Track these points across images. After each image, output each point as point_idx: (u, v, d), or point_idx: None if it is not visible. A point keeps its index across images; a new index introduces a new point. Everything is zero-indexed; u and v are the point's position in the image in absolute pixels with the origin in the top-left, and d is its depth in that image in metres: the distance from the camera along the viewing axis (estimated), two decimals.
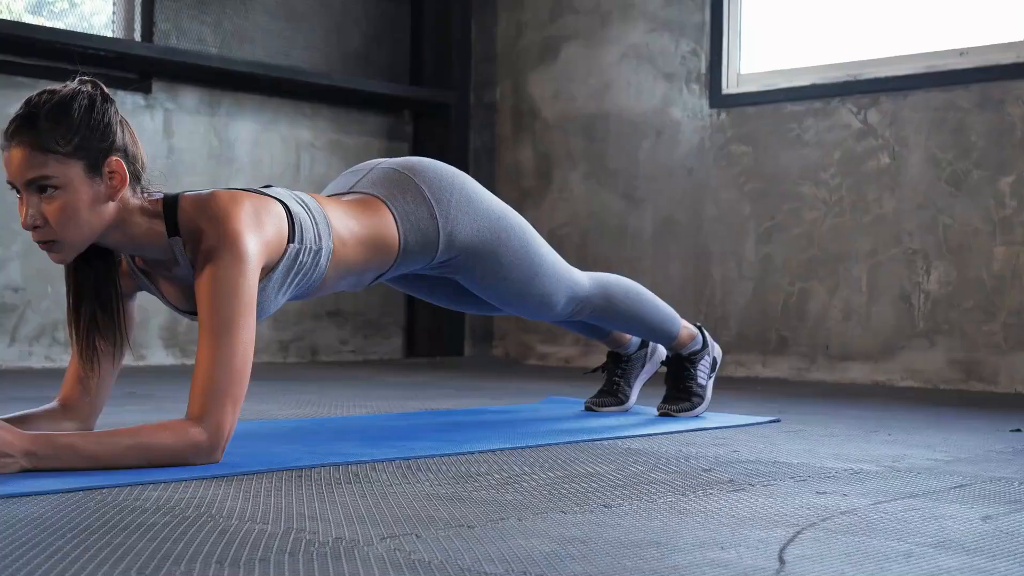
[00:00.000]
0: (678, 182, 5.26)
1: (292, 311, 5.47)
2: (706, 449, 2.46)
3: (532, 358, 5.76)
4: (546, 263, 2.72)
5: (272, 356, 5.44)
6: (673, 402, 3.11)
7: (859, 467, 2.21)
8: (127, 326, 2.24)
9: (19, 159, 1.98)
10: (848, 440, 2.66)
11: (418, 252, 2.47)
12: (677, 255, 5.25)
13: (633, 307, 2.96)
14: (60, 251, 2.05)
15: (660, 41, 5.35)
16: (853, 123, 4.74)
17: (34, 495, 1.70)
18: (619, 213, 5.46)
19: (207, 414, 1.99)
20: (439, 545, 1.43)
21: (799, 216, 4.88)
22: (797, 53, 5.03)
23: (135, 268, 2.24)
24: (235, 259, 2.05)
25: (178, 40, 5.10)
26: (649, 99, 5.38)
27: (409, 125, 5.99)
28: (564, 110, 5.69)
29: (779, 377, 4.87)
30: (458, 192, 2.53)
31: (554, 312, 2.83)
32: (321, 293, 2.40)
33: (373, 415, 3.03)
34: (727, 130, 5.11)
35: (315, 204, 2.30)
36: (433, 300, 2.89)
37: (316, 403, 3.38)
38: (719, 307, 5.10)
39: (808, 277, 4.84)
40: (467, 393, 3.87)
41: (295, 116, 5.53)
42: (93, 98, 2.04)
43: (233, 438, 2.35)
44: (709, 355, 3.18)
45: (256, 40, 5.40)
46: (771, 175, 4.96)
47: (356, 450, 2.27)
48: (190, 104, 5.18)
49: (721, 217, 5.11)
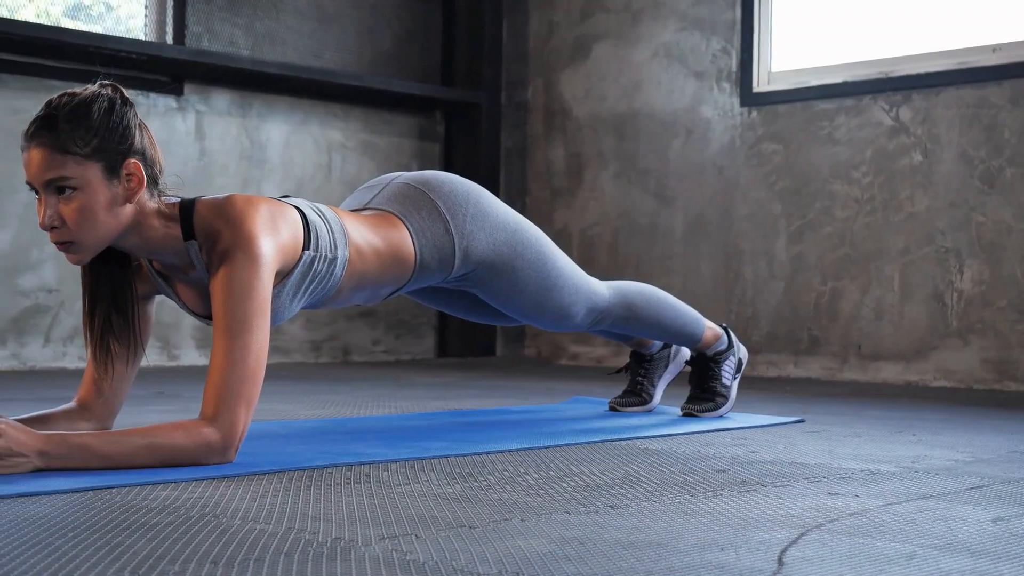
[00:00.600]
0: (709, 181, 5.24)
1: (324, 311, 5.49)
2: (724, 449, 2.44)
3: (564, 358, 5.75)
4: (564, 275, 2.70)
5: (304, 356, 5.46)
6: (697, 402, 3.09)
7: (877, 468, 2.19)
8: (143, 329, 2.26)
9: (38, 160, 2.00)
10: (871, 441, 2.63)
11: (434, 267, 2.47)
12: (708, 254, 5.23)
13: (655, 314, 2.94)
14: (77, 252, 2.06)
15: (691, 39, 5.33)
16: (885, 121, 4.70)
17: (44, 494, 1.71)
18: (650, 212, 5.45)
19: (220, 414, 2.00)
20: (437, 546, 1.42)
21: (830, 215, 4.84)
22: (828, 50, 4.99)
23: (153, 271, 2.25)
24: (250, 260, 2.05)
25: (210, 42, 5.13)
26: (680, 98, 5.36)
27: (441, 126, 5.99)
28: (595, 109, 5.68)
29: (810, 377, 4.84)
30: (473, 207, 2.52)
31: (573, 323, 2.81)
32: (336, 304, 2.40)
33: (395, 415, 3.04)
34: (758, 128, 5.07)
35: (332, 214, 2.30)
36: (451, 311, 2.88)
37: (342, 403, 3.39)
38: (750, 306, 5.07)
39: (840, 276, 4.80)
40: (495, 393, 3.87)
41: (326, 117, 5.56)
42: (113, 101, 2.05)
43: (250, 438, 2.37)
44: (734, 356, 3.15)
45: (287, 42, 5.42)
46: (802, 173, 4.93)
47: (370, 450, 2.27)
48: (222, 106, 5.21)
49: (752, 216, 5.08)
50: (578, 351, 5.69)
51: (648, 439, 2.61)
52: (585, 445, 2.47)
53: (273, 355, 5.33)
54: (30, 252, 4.64)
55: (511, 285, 2.61)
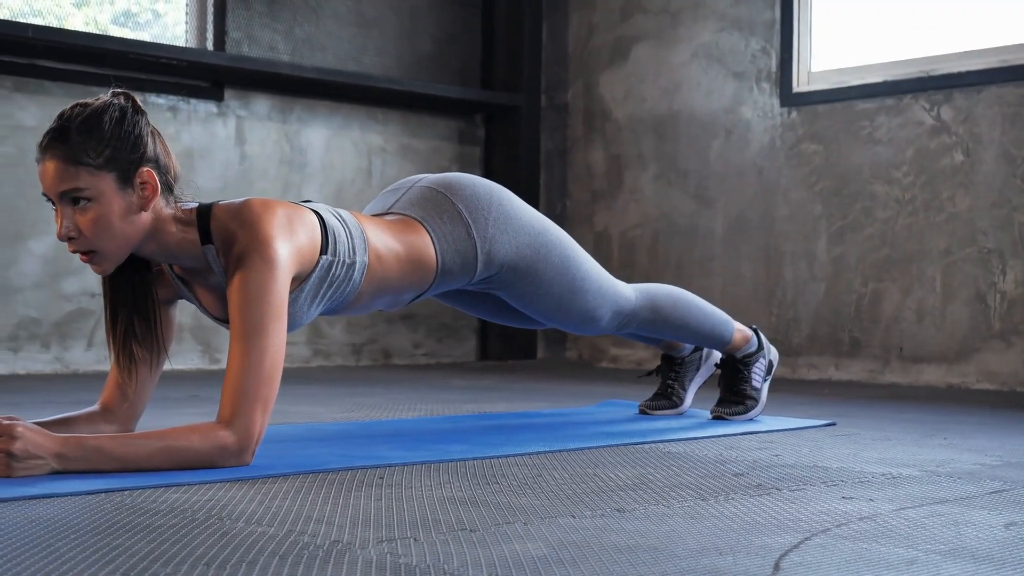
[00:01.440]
0: (749, 182, 5.20)
1: (365, 315, 5.51)
2: (747, 453, 2.42)
3: (604, 361, 5.74)
4: (589, 278, 2.69)
5: (345, 359, 5.49)
6: (726, 405, 3.07)
7: (899, 472, 2.16)
8: (165, 333, 2.27)
9: (52, 172, 2.02)
10: (900, 444, 2.60)
11: (457, 271, 2.46)
12: (748, 255, 5.19)
13: (682, 317, 2.92)
14: (100, 263, 2.08)
15: (730, 40, 5.29)
16: (926, 120, 4.64)
17: (57, 496, 1.73)
18: (689, 214, 5.42)
19: (236, 417, 2.01)
20: (433, 549, 1.42)
21: (871, 215, 4.79)
22: (868, 49, 4.94)
23: (174, 276, 2.26)
24: (266, 264, 2.06)
25: (250, 48, 5.17)
26: (719, 98, 5.33)
27: (481, 129, 6.00)
28: (635, 111, 5.66)
29: (852, 380, 4.79)
30: (496, 209, 2.52)
31: (599, 326, 2.80)
32: (356, 310, 2.39)
33: (422, 418, 3.04)
34: (798, 129, 5.03)
35: (353, 220, 2.30)
36: (478, 314, 2.88)
37: (374, 406, 3.40)
38: (791, 308, 5.03)
39: (881, 277, 4.75)
40: (529, 396, 3.87)
41: (366, 121, 5.58)
42: (124, 110, 2.06)
43: (272, 441, 2.38)
44: (764, 358, 3.13)
45: (327, 47, 5.45)
46: (843, 174, 4.88)
47: (389, 453, 2.27)
48: (262, 111, 5.25)
49: (792, 217, 5.04)
50: (618, 354, 5.67)
51: (672, 442, 2.59)
52: (607, 448, 2.46)
53: (314, 358, 5.36)
54: (73, 257, 4.70)
55: (535, 288, 2.60)
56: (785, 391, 4.15)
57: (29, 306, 4.60)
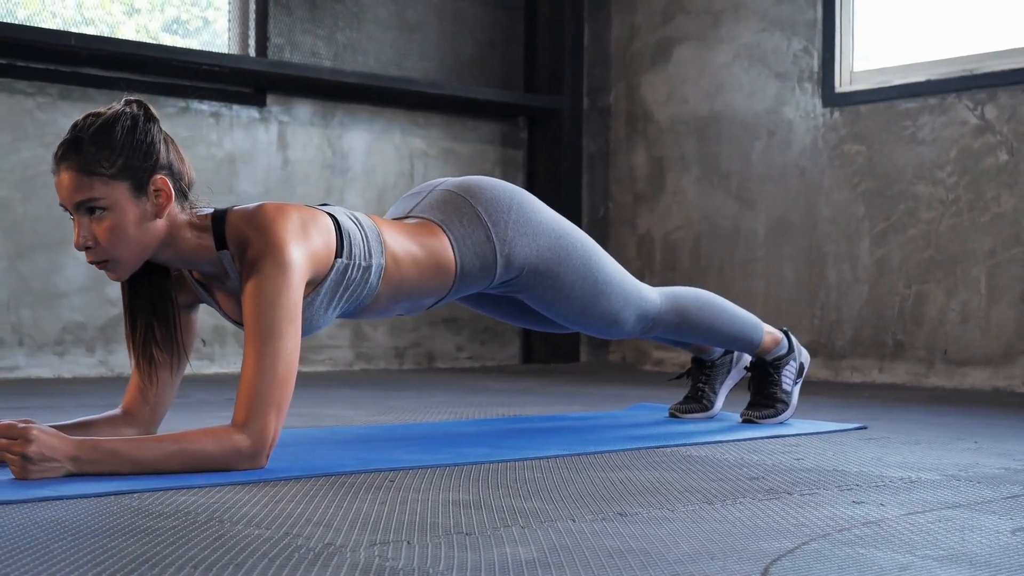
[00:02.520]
0: (791, 183, 5.16)
1: (408, 318, 5.53)
2: (769, 457, 2.40)
3: (648, 364, 5.71)
4: (612, 281, 2.67)
5: (388, 363, 5.51)
6: (756, 408, 3.04)
7: (919, 476, 2.13)
8: (185, 338, 2.29)
9: (67, 183, 2.04)
10: (928, 448, 2.57)
11: (476, 275, 2.46)
12: (790, 257, 5.15)
13: (709, 321, 2.90)
14: (115, 270, 2.11)
15: (772, 40, 5.25)
16: (970, 119, 4.58)
17: (65, 499, 1.75)
18: (732, 215, 5.38)
19: (250, 421, 2.02)
20: (423, 552, 1.43)
21: (915, 216, 4.73)
22: (911, 48, 4.88)
23: (193, 281, 2.28)
24: (279, 268, 2.08)
25: (291, 54, 5.21)
26: (761, 99, 5.29)
27: (524, 132, 6.00)
28: (677, 112, 5.64)
29: (895, 383, 4.73)
30: (516, 212, 2.51)
31: (624, 330, 2.78)
32: (375, 313, 2.40)
33: (449, 421, 3.05)
34: (840, 129, 4.98)
35: (369, 223, 2.31)
36: (502, 318, 2.88)
37: (406, 409, 3.41)
38: (833, 310, 4.98)
39: (925, 279, 4.69)
40: (565, 399, 3.86)
41: (408, 125, 5.60)
42: (136, 118, 2.08)
43: (292, 443, 2.40)
44: (795, 360, 3.10)
45: (369, 51, 5.48)
46: (885, 174, 4.82)
47: (406, 456, 2.28)
48: (304, 116, 5.29)
49: (835, 218, 4.99)
50: (662, 356, 5.65)
51: (695, 446, 2.57)
52: (628, 452, 2.45)
53: (356, 361, 5.39)
54: None
55: (556, 291, 2.60)
56: (825, 394, 4.11)
57: (74, 310, 4.66)
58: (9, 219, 4.51)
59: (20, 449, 1.88)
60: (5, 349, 4.51)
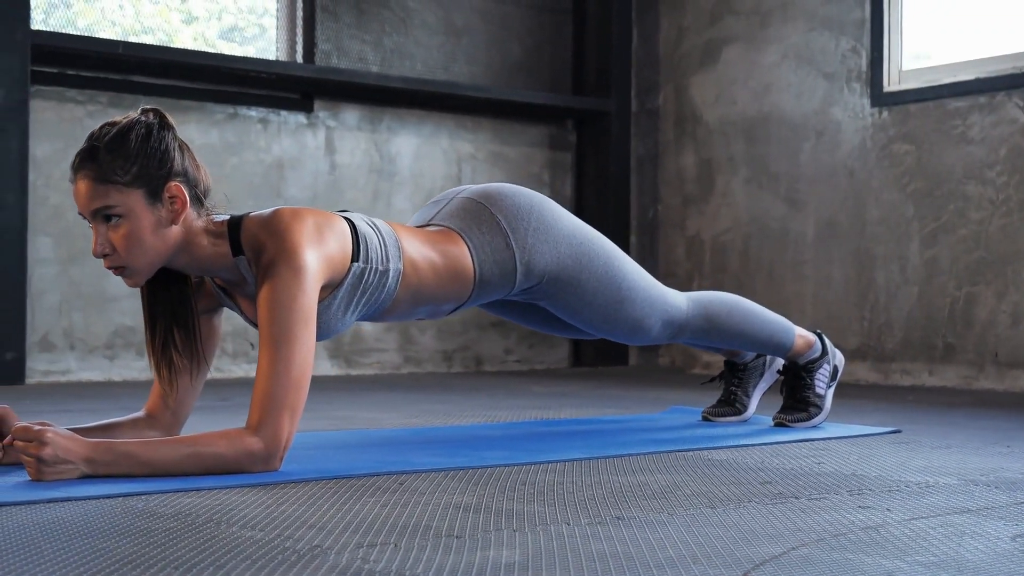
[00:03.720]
0: (839, 184, 5.10)
1: (456, 321, 5.55)
2: (791, 461, 2.37)
3: (697, 367, 5.68)
4: (635, 287, 2.66)
5: (436, 366, 5.53)
6: (789, 412, 3.01)
7: (936, 480, 2.10)
8: (206, 343, 2.32)
9: (84, 191, 2.08)
10: (957, 452, 2.53)
11: (496, 282, 2.46)
12: (839, 259, 5.09)
13: (738, 325, 2.88)
14: (131, 276, 2.14)
15: (820, 40, 5.20)
16: (1020, 118, 4.50)
17: (75, 500, 1.78)
18: (780, 217, 5.33)
19: (264, 424, 2.04)
20: (407, 555, 1.43)
21: (965, 217, 4.65)
22: (960, 46, 4.80)
23: (215, 286, 2.31)
24: (293, 272, 2.09)
25: (339, 60, 5.25)
26: (809, 100, 5.24)
27: (572, 134, 6.00)
28: (725, 114, 5.60)
29: (945, 386, 4.65)
30: (536, 220, 2.51)
31: (650, 336, 2.77)
32: (396, 317, 2.41)
33: (479, 424, 3.05)
34: (889, 129, 4.92)
35: (387, 228, 2.32)
36: (525, 324, 2.88)
37: (437, 412, 3.42)
38: (883, 312, 4.91)
39: (975, 280, 4.61)
40: (604, 402, 3.85)
41: (456, 129, 5.62)
42: (150, 127, 2.11)
43: (311, 446, 2.42)
44: (829, 363, 3.06)
45: (416, 56, 5.51)
46: (935, 174, 4.75)
47: (422, 459, 2.29)
48: (351, 121, 5.33)
49: (884, 219, 4.93)
50: (712, 360, 5.61)
51: (719, 449, 2.56)
52: (649, 455, 2.44)
53: (405, 365, 5.42)
54: None
55: (579, 298, 2.59)
56: (871, 397, 4.07)
57: (124, 315, 4.74)
58: (60, 225, 4.59)
59: (35, 451, 1.92)
60: (57, 353, 4.59)
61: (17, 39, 4.31)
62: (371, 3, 5.39)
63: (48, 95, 4.61)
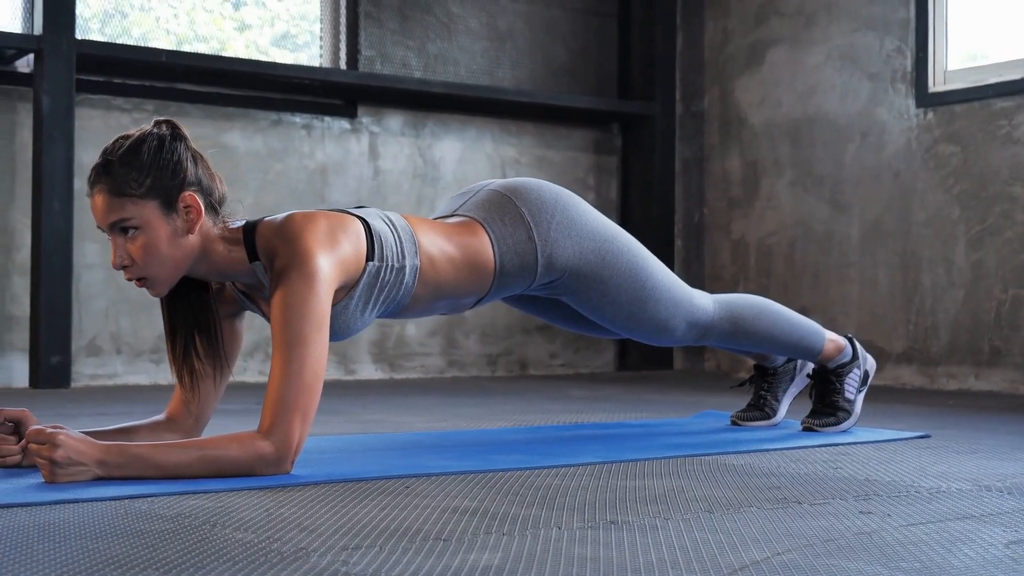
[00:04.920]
0: (884, 186, 5.05)
1: (501, 325, 5.56)
2: (807, 466, 2.35)
3: (743, 371, 5.64)
4: (660, 287, 2.65)
5: (480, 370, 5.55)
6: (817, 416, 2.99)
7: (948, 486, 2.08)
8: (229, 347, 2.35)
9: (100, 205, 2.12)
10: (982, 458, 2.49)
11: (516, 274, 2.47)
12: (884, 261, 5.03)
13: (765, 329, 2.86)
14: (153, 287, 2.17)
15: (864, 40, 5.15)
16: None
17: (82, 502, 1.81)
18: (825, 220, 5.29)
19: (275, 427, 2.06)
20: (388, 557, 1.44)
21: (1011, 218, 4.58)
22: (1007, 46, 4.73)
23: (236, 290, 2.34)
24: (305, 277, 2.12)
25: (382, 66, 5.29)
26: (854, 101, 5.19)
27: (618, 138, 5.99)
28: (770, 116, 5.56)
29: (992, 391, 4.58)
30: (560, 214, 2.52)
31: (674, 337, 2.76)
32: (416, 312, 2.43)
33: (502, 428, 3.06)
34: (934, 130, 4.86)
35: (403, 224, 2.34)
36: (550, 321, 2.88)
37: (467, 416, 3.43)
38: (928, 316, 4.85)
39: (1022, 283, 4.54)
40: (639, 406, 3.84)
41: (500, 134, 5.64)
42: (163, 138, 2.15)
43: (329, 450, 2.44)
44: (859, 368, 3.03)
45: (460, 62, 5.53)
46: (981, 176, 4.69)
47: (435, 462, 2.30)
48: (395, 126, 5.36)
49: (929, 221, 4.87)
50: None
51: (737, 454, 2.54)
52: (666, 460, 2.43)
53: (448, 369, 5.44)
54: None
55: (601, 295, 2.59)
56: (914, 402, 4.03)
57: None
58: None
59: (48, 453, 1.96)
60: (103, 357, 4.67)
61: (63, 48, 4.39)
62: (415, 9, 5.42)
63: (95, 103, 4.69)
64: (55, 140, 4.37)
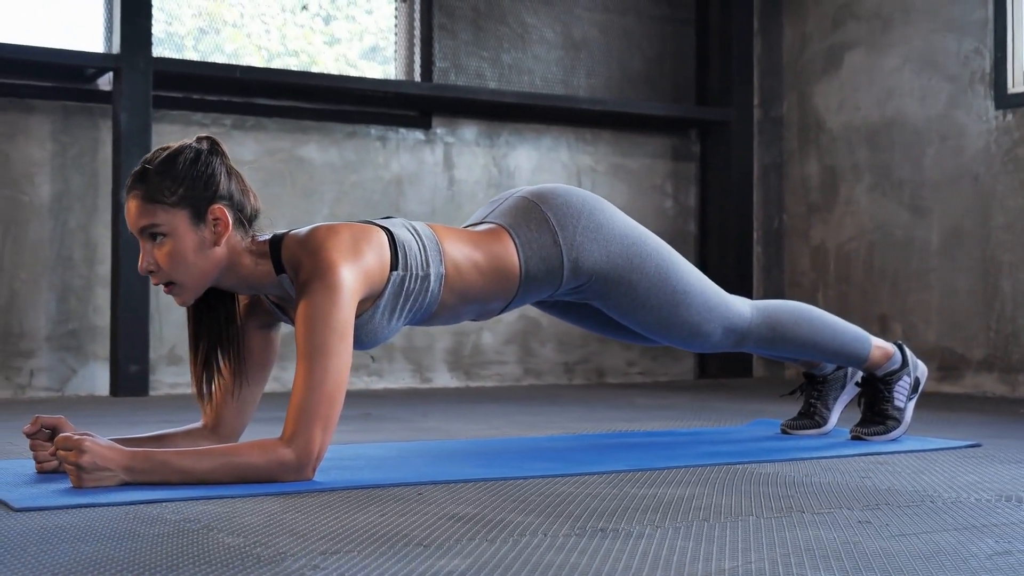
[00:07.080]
0: (964, 190, 4.94)
1: (577, 333, 5.57)
2: (837, 475, 2.33)
3: None
4: (692, 292, 2.65)
5: (557, 378, 5.56)
6: (866, 425, 2.95)
7: (968, 496, 2.04)
8: (262, 356, 2.41)
9: (133, 210, 2.20)
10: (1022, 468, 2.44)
11: (542, 279, 2.49)
12: (965, 267, 4.93)
13: (806, 335, 2.83)
14: (180, 294, 2.24)
15: (942, 42, 5.05)
16: None
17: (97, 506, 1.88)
18: (905, 225, 5.19)
19: (297, 435, 2.11)
20: (359, 562, 1.47)
21: None
22: None
23: (269, 302, 2.40)
24: (328, 288, 2.17)
25: (456, 77, 5.35)
26: (932, 104, 5.09)
27: (696, 145, 5.96)
28: (849, 120, 5.48)
29: None
30: (586, 218, 2.53)
31: (710, 343, 2.75)
32: (444, 320, 2.46)
33: (544, 436, 3.07)
34: (1014, 132, 4.75)
35: (428, 232, 2.37)
36: (585, 328, 2.89)
37: (522, 423, 3.45)
38: (1009, 322, 4.74)
39: None
40: (704, 414, 3.82)
41: (575, 142, 5.65)
42: (199, 152, 2.22)
43: (358, 456, 2.48)
44: (910, 375, 2.98)
45: (535, 71, 5.56)
46: None
47: (458, 470, 2.33)
48: (469, 137, 5.41)
49: (1010, 225, 4.75)
50: None
51: (771, 463, 2.52)
52: (695, 468, 2.42)
53: (525, 377, 5.46)
54: None
55: (631, 299, 2.60)
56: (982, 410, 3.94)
57: None
58: None
59: (74, 459, 2.03)
60: (183, 366, 4.78)
61: (140, 66, 4.53)
62: (489, 20, 5.47)
63: (174, 119, 4.82)
64: (133, 155, 4.50)
